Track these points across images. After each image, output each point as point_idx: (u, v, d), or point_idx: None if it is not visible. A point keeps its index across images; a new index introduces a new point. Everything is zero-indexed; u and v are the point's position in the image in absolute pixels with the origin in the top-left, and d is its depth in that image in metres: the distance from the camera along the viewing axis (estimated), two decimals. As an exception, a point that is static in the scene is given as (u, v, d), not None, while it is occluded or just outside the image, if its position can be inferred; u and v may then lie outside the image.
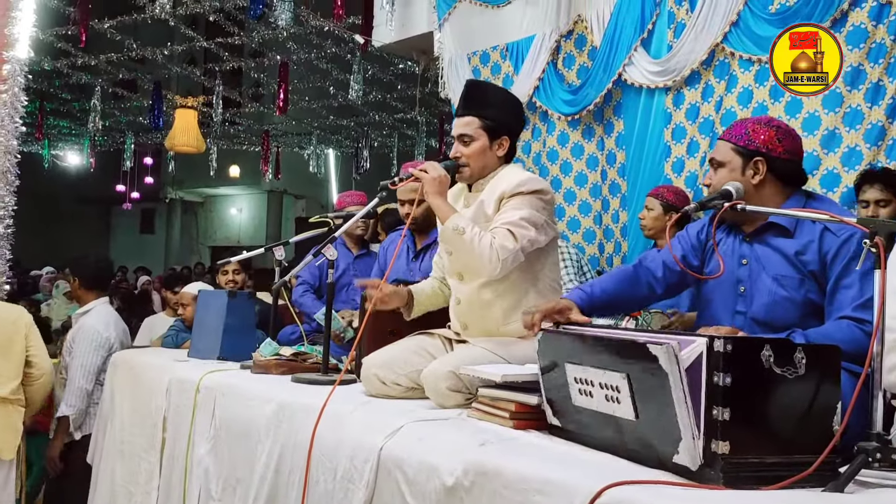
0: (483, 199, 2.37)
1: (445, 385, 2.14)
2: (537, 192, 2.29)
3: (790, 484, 1.33)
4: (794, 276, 1.93)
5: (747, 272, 2.01)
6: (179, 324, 4.20)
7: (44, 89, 10.34)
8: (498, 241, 2.17)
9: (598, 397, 1.59)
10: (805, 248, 1.92)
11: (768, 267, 1.97)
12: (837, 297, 1.87)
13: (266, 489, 2.26)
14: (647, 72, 3.85)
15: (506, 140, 2.41)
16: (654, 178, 3.81)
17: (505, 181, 2.34)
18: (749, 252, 2.02)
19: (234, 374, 2.88)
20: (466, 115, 2.40)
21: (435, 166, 2.32)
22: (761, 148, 1.99)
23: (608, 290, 2.12)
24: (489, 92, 2.51)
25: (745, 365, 1.36)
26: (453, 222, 2.20)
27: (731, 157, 2.02)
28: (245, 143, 13.60)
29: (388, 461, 1.84)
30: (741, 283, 2.02)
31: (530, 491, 1.45)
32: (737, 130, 2.05)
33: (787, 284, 1.93)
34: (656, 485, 1.33)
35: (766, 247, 1.99)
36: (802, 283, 1.92)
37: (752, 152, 2.00)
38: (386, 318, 2.61)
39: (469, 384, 2.12)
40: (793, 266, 1.93)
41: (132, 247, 19.59)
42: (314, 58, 8.64)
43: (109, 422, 3.45)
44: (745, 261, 2.02)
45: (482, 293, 2.35)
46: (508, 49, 4.63)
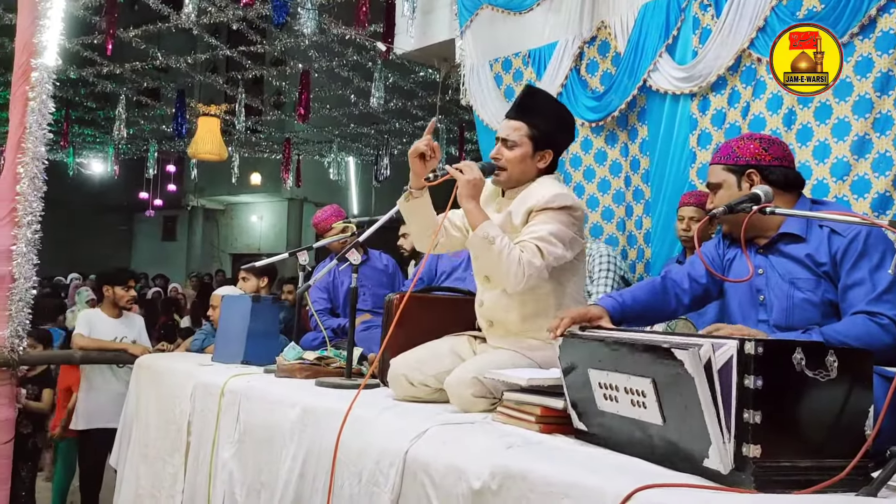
0: (512, 209, 2.36)
1: (470, 392, 2.14)
2: (567, 209, 2.28)
3: (822, 488, 1.31)
4: (809, 278, 1.96)
5: (764, 280, 2.04)
6: (208, 327, 4.23)
7: (69, 98, 10.46)
8: (526, 257, 2.16)
9: (623, 402, 1.58)
10: (817, 251, 1.95)
11: (784, 272, 2.00)
12: (850, 295, 1.90)
13: (291, 494, 2.27)
14: (672, 78, 3.83)
15: (549, 153, 2.40)
16: (679, 185, 3.79)
17: (537, 194, 2.32)
18: (764, 262, 2.06)
19: (258, 378, 2.89)
20: (516, 120, 2.39)
21: (472, 167, 2.29)
22: (751, 161, 2.06)
23: (639, 299, 2.13)
24: (544, 102, 2.50)
25: (777, 368, 1.35)
26: (484, 230, 2.18)
27: (725, 177, 2.09)
28: (266, 151, 13.68)
29: (413, 465, 1.84)
30: (760, 293, 2.05)
31: (557, 494, 1.44)
32: (723, 151, 2.12)
33: (803, 286, 1.96)
34: (687, 488, 1.32)
35: (780, 255, 2.03)
36: (819, 283, 1.95)
37: (742, 167, 2.07)
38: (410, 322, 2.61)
39: (493, 389, 2.12)
40: (807, 269, 1.96)
41: (154, 254, 19.76)
42: (335, 66, 8.69)
43: (134, 425, 3.48)
44: (762, 270, 2.05)
45: (506, 298, 2.35)
46: (531, 56, 4.62)
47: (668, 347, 1.42)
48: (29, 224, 4.23)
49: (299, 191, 15.26)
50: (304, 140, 13.33)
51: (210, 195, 18.05)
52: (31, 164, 4.26)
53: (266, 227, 18.29)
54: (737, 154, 2.08)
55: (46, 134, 4.37)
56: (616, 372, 1.59)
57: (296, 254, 3.36)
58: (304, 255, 3.35)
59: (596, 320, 1.97)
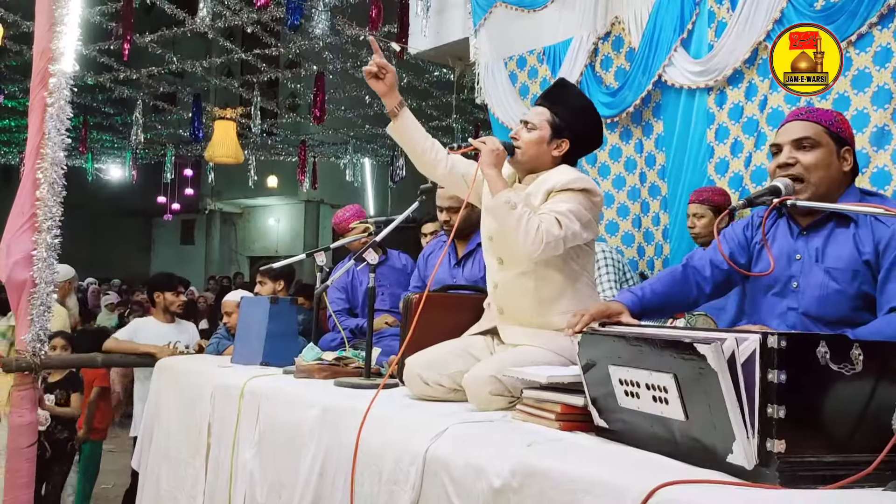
0: (531, 191, 2.37)
1: (488, 390, 2.13)
2: (587, 192, 2.29)
3: (849, 483, 1.29)
4: (846, 269, 1.88)
5: (800, 267, 1.96)
6: (223, 331, 4.25)
7: (87, 104, 10.56)
8: (544, 226, 2.17)
9: (644, 398, 1.57)
10: (864, 238, 1.88)
11: (821, 259, 1.93)
12: (888, 288, 1.83)
13: (311, 493, 2.27)
14: (687, 72, 3.81)
15: (566, 143, 2.41)
16: (697, 180, 3.76)
17: (555, 177, 2.34)
18: (803, 247, 1.97)
19: (278, 379, 2.90)
20: (539, 106, 2.45)
21: (494, 140, 2.35)
22: (848, 139, 1.97)
23: (658, 291, 2.08)
24: (570, 94, 2.54)
25: (801, 362, 1.32)
26: (506, 196, 2.20)
27: (826, 140, 1.95)
28: (282, 154, 13.75)
29: (433, 463, 1.83)
30: (794, 279, 1.97)
31: (579, 491, 1.42)
32: (824, 115, 1.97)
33: (838, 277, 1.89)
34: (711, 484, 1.30)
35: (824, 238, 1.95)
36: (856, 275, 1.87)
37: (842, 140, 1.96)
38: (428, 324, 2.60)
39: (511, 388, 2.11)
40: (848, 256, 1.89)
41: (173, 258, 19.89)
42: (350, 67, 8.71)
43: (155, 427, 3.50)
44: (799, 256, 1.97)
45: (520, 281, 2.35)
46: (545, 53, 4.61)
47: (690, 342, 1.40)
48: (49, 229, 4.25)
49: (315, 193, 15.31)
50: (320, 142, 13.38)
51: (227, 199, 18.16)
52: (50, 169, 4.28)
53: (283, 229, 18.37)
54: (839, 126, 1.96)
55: (65, 139, 4.40)
56: (637, 368, 1.57)
57: (313, 255, 3.36)
58: (321, 256, 3.35)
59: (616, 316, 1.93)
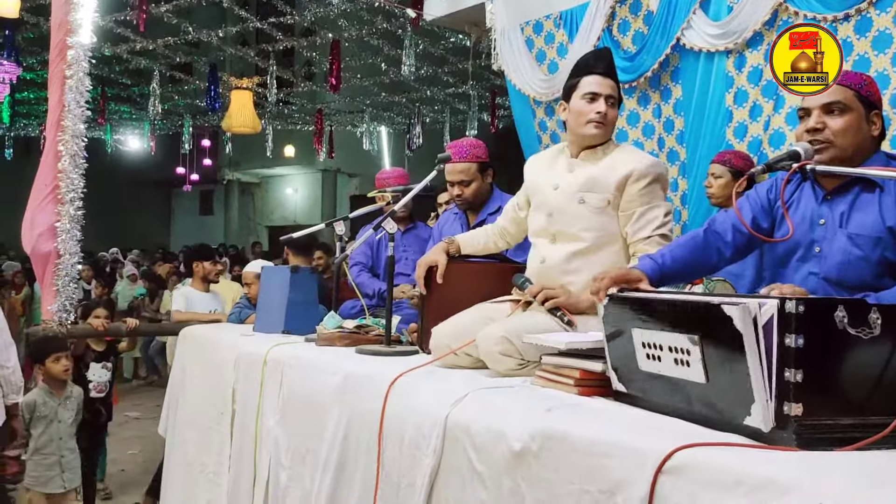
0: (598, 171, 2.40)
1: (498, 349, 2.15)
2: (662, 177, 2.39)
3: (865, 445, 1.30)
4: (870, 236, 1.87)
5: (823, 232, 1.96)
6: (244, 300, 4.30)
7: (104, 75, 10.58)
8: None
9: (666, 361, 1.58)
10: (888, 204, 1.87)
11: (845, 225, 1.92)
12: None
13: (335, 457, 2.32)
14: (706, 35, 3.76)
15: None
16: (716, 144, 3.74)
17: (630, 158, 2.39)
18: (827, 211, 1.96)
19: (300, 346, 2.94)
20: (609, 79, 2.44)
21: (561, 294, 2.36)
22: (876, 103, 1.96)
23: (678, 258, 2.07)
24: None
25: (818, 326, 1.33)
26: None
27: (857, 105, 1.94)
28: (299, 123, 13.74)
29: (455, 428, 1.86)
30: (816, 244, 1.97)
31: (599, 454, 1.45)
32: (853, 78, 1.96)
33: (862, 244, 1.88)
34: (728, 447, 1.32)
35: (849, 204, 1.93)
36: (878, 242, 1.86)
37: (871, 104, 1.95)
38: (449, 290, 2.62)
39: (522, 350, 2.13)
40: (872, 222, 1.88)
41: (192, 228, 20.05)
42: (365, 34, 8.66)
43: (181, 395, 3.57)
44: (823, 220, 1.96)
45: (572, 260, 2.37)
46: (562, 17, 4.57)
47: (718, 304, 1.42)
48: (72, 201, 4.32)
49: (333, 162, 15.33)
50: (336, 111, 13.35)
51: (245, 169, 18.22)
52: (71, 141, 4.34)
53: (301, 198, 18.43)
54: (868, 89, 1.96)
55: (84, 111, 4.44)
56: (661, 331, 1.58)
57: (332, 224, 3.38)
58: (340, 225, 3.36)
59: (635, 283, 1.94)
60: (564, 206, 2.40)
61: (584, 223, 2.37)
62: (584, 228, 2.37)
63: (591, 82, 2.41)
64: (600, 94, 2.40)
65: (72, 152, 4.30)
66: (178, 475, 3.46)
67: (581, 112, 2.40)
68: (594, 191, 2.36)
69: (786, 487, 1.15)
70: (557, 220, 2.42)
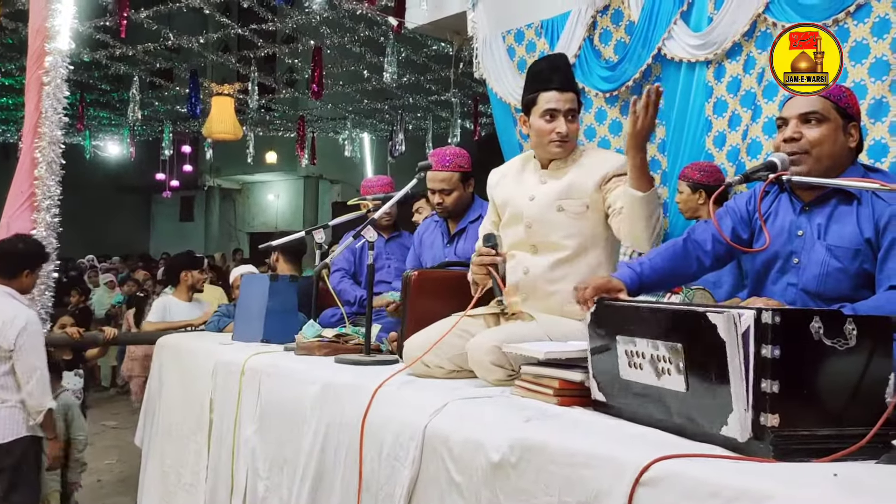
0: (572, 177, 2.40)
1: (489, 359, 2.15)
2: None
3: (842, 456, 1.31)
4: (848, 247, 1.88)
5: (801, 243, 1.96)
6: (224, 308, 4.27)
7: (83, 81, 10.49)
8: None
9: (647, 370, 1.58)
10: (865, 215, 1.88)
11: (824, 236, 1.93)
12: (887, 266, 1.82)
13: (313, 467, 2.30)
14: (687, 45, 3.78)
15: None
16: (695, 154, 3.75)
17: (602, 160, 2.41)
18: (806, 223, 1.97)
19: (278, 356, 2.92)
20: (568, 92, 2.44)
21: None
22: (855, 115, 1.97)
23: (658, 267, 2.07)
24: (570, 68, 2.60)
25: (794, 337, 1.34)
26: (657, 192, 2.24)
27: (834, 116, 1.95)
28: (280, 129, 13.69)
29: (433, 439, 1.85)
30: (795, 255, 1.97)
31: (577, 465, 1.45)
32: (833, 89, 1.96)
33: (840, 255, 1.89)
34: (705, 458, 1.32)
35: (827, 215, 1.94)
36: (857, 254, 1.87)
37: (849, 116, 1.96)
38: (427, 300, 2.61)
39: (513, 361, 2.13)
40: (850, 234, 1.89)
41: (172, 235, 19.91)
42: (347, 42, 8.64)
43: (157, 404, 3.53)
44: (801, 232, 1.97)
45: (557, 269, 2.38)
46: (543, 26, 4.58)
47: (703, 312, 1.42)
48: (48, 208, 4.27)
49: (315, 168, 15.27)
50: (318, 117, 13.32)
51: (226, 175, 18.13)
52: (47, 148, 4.30)
53: (283, 205, 18.35)
54: (847, 101, 1.97)
55: (62, 118, 4.40)
56: (645, 339, 1.58)
57: (312, 232, 3.36)
58: (320, 233, 3.35)
59: (615, 292, 1.94)
60: (542, 215, 2.40)
61: (564, 231, 2.38)
62: (565, 236, 2.38)
63: (550, 99, 2.41)
64: (559, 110, 2.40)
65: (48, 159, 4.25)
66: (155, 485, 3.42)
67: (542, 131, 2.42)
68: (572, 196, 2.38)
69: (761, 498, 1.15)
70: (537, 230, 2.42)
